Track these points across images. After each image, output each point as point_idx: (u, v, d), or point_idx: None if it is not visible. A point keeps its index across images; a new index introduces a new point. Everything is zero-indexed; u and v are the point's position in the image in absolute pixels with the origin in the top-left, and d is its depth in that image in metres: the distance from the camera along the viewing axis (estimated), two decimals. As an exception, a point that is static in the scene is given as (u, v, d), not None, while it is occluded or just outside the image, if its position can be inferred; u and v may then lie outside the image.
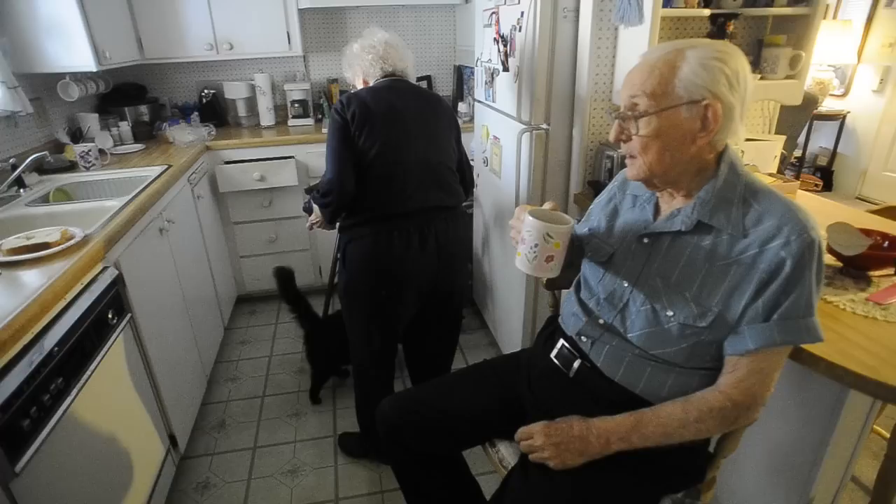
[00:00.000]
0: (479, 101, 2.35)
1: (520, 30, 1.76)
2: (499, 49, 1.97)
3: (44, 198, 1.87)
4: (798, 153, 4.09)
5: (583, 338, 1.03)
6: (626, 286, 0.97)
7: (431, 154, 1.59)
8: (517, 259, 0.99)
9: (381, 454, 1.76)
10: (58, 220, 1.54)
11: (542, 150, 1.84)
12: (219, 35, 2.68)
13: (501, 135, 2.07)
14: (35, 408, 1.00)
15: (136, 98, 2.84)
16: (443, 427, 1.17)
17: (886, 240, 1.22)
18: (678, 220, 0.92)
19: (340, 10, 3.03)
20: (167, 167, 2.11)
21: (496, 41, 1.99)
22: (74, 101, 2.39)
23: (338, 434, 1.95)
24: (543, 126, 1.80)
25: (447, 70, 3.29)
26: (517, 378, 1.16)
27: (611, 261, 1.01)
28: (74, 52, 2.12)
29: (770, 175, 1.74)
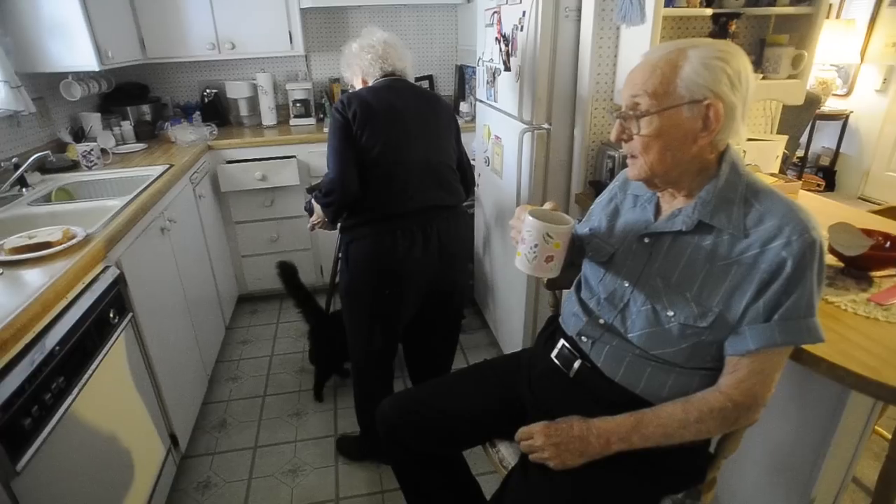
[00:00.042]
0: (481, 101, 2.35)
1: (521, 29, 1.76)
2: (500, 49, 1.97)
3: (46, 197, 1.88)
4: (801, 153, 4.08)
5: (583, 338, 1.02)
6: (627, 286, 0.97)
7: (432, 153, 1.59)
8: (517, 259, 0.99)
9: (382, 454, 1.76)
10: (60, 220, 1.55)
11: (544, 150, 1.84)
12: (221, 34, 2.68)
13: (503, 134, 2.07)
14: (36, 407, 1.01)
15: (139, 97, 2.85)
16: (443, 427, 1.17)
17: (888, 240, 1.22)
18: (679, 220, 0.92)
19: (342, 10, 3.03)
20: (169, 167, 2.11)
21: (498, 41, 1.99)
22: (77, 101, 2.40)
23: (337, 437, 1.94)
24: (545, 126, 1.80)
25: (449, 70, 3.29)
26: (517, 378, 1.16)
27: (611, 261, 1.01)
28: (77, 52, 2.12)
29: (772, 175, 1.73)
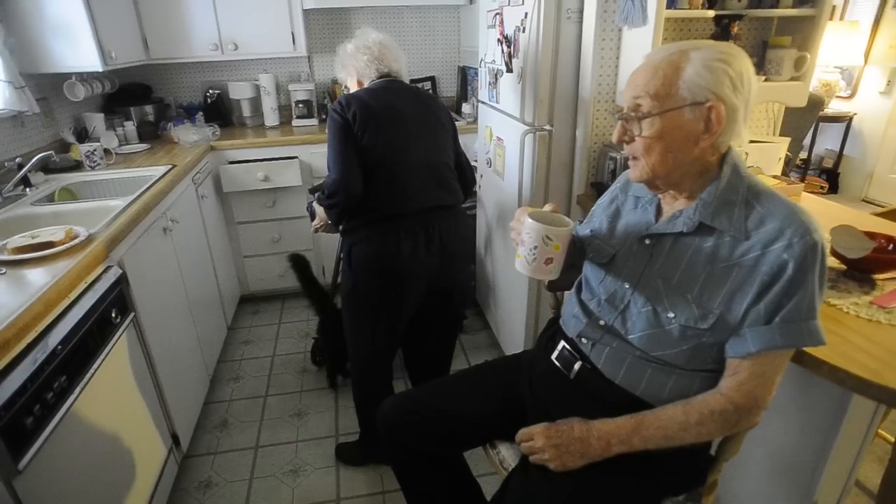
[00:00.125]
0: (483, 102, 2.35)
1: (523, 31, 1.76)
2: (502, 50, 1.97)
3: (49, 197, 1.89)
4: (804, 155, 4.07)
5: (583, 339, 1.02)
6: (628, 287, 0.97)
7: (431, 153, 1.59)
8: (517, 261, 0.99)
9: (382, 455, 1.76)
10: (63, 220, 1.55)
11: (546, 152, 1.84)
12: (224, 35, 2.69)
13: (505, 136, 2.07)
14: (38, 406, 1.01)
15: (142, 98, 2.86)
16: (443, 427, 1.17)
17: (891, 243, 1.21)
18: (680, 222, 0.92)
19: (345, 11, 3.03)
20: (171, 167, 2.12)
21: (500, 42, 1.99)
22: (80, 101, 2.41)
23: (336, 445, 1.92)
24: (547, 127, 1.79)
25: (451, 71, 3.29)
26: (518, 379, 1.16)
27: (612, 262, 1.01)
28: (80, 53, 2.13)
29: (774, 177, 1.73)
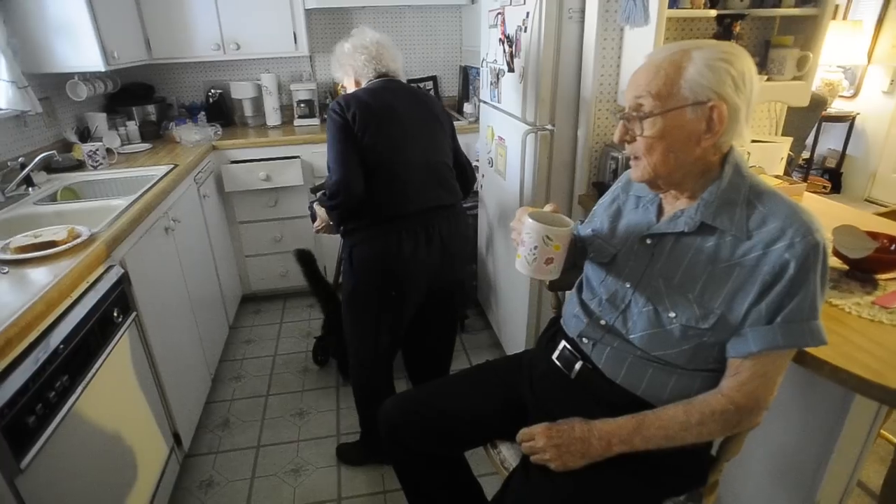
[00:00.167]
0: (485, 102, 2.35)
1: (525, 30, 1.76)
2: (504, 50, 1.97)
3: (52, 196, 1.89)
4: (806, 155, 4.06)
5: (584, 339, 1.02)
6: (629, 287, 0.97)
7: (430, 153, 1.59)
8: (517, 261, 0.99)
9: (383, 454, 1.76)
10: (65, 219, 1.56)
11: (547, 151, 1.83)
12: (226, 35, 2.69)
13: (506, 135, 2.07)
14: (40, 405, 1.01)
15: (144, 98, 2.86)
16: (444, 427, 1.17)
17: (893, 243, 1.21)
18: (681, 221, 0.91)
19: (347, 11, 3.04)
20: (173, 166, 2.12)
21: (502, 42, 1.99)
22: (83, 101, 2.41)
23: (336, 446, 1.92)
24: (548, 127, 1.79)
25: (453, 70, 3.29)
26: (519, 379, 1.16)
27: (613, 262, 1.01)
28: (83, 53, 2.14)
29: (776, 177, 1.73)
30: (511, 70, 1.94)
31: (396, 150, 1.52)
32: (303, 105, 2.97)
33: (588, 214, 1.19)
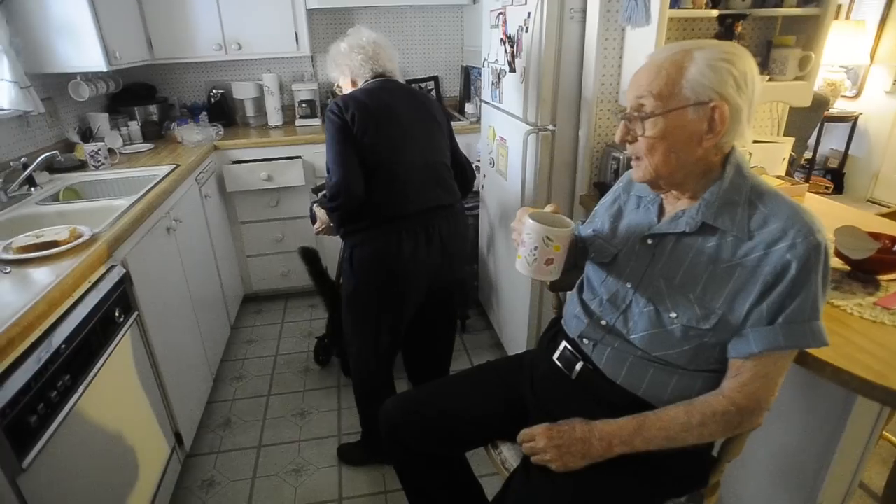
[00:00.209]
0: (486, 102, 2.35)
1: (527, 30, 1.76)
2: (506, 50, 1.97)
3: (54, 196, 1.90)
4: (808, 155, 4.05)
5: (585, 340, 1.02)
6: (630, 287, 0.97)
7: (429, 153, 1.59)
8: (517, 261, 0.99)
9: (384, 454, 1.76)
10: (67, 219, 1.56)
11: (548, 151, 1.83)
12: (228, 35, 2.69)
13: (508, 135, 2.07)
14: (42, 404, 1.01)
15: (146, 98, 2.87)
16: (445, 428, 1.17)
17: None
18: (682, 222, 0.91)
19: (348, 11, 3.04)
20: (175, 166, 2.13)
21: (503, 42, 1.99)
22: (85, 101, 2.42)
23: (338, 446, 1.92)
24: (550, 127, 1.79)
25: (454, 70, 3.29)
26: (520, 379, 1.16)
27: (614, 262, 1.01)
28: (85, 53, 2.14)
29: (778, 177, 1.72)
30: (512, 70, 1.94)
31: (396, 151, 1.52)
32: (304, 105, 2.97)
33: (589, 215, 1.19)
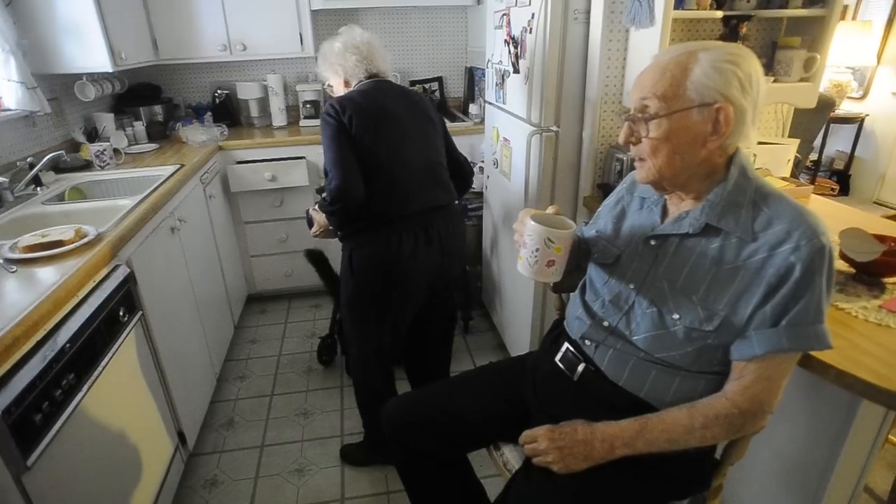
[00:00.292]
0: (490, 103, 2.35)
1: (530, 31, 1.75)
2: (509, 51, 1.97)
3: (59, 196, 1.91)
4: (814, 157, 4.03)
5: (587, 341, 1.02)
6: (632, 288, 0.96)
7: (425, 153, 1.59)
8: (519, 263, 0.98)
9: (386, 455, 1.76)
10: (72, 219, 1.57)
11: (552, 153, 1.83)
12: (232, 36, 2.71)
13: (511, 136, 2.07)
14: (47, 403, 1.02)
15: (151, 98, 2.88)
16: (447, 429, 1.17)
17: (902, 246, 1.19)
18: (686, 223, 0.91)
19: (352, 12, 3.04)
20: (180, 167, 2.14)
21: (507, 43, 1.98)
22: (91, 102, 2.44)
23: (340, 447, 1.92)
24: (553, 128, 1.79)
25: (458, 71, 3.29)
26: (522, 381, 1.16)
27: (617, 263, 1.01)
28: (91, 54, 2.15)
29: (783, 179, 1.71)
30: (516, 71, 1.93)
31: (394, 152, 1.52)
32: (308, 106, 2.98)
33: (593, 216, 1.19)
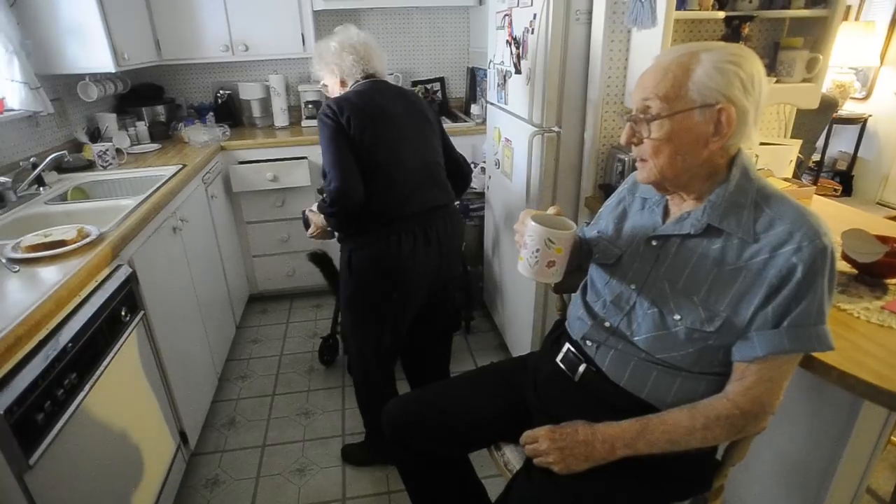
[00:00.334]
0: (492, 104, 2.35)
1: (532, 32, 1.75)
2: (511, 51, 1.97)
3: (62, 196, 1.91)
4: (817, 157, 4.02)
5: (588, 342, 1.02)
6: (633, 289, 0.96)
7: (422, 154, 1.59)
8: (519, 263, 0.98)
9: (388, 455, 1.76)
10: (75, 218, 1.57)
11: (554, 153, 1.83)
12: (234, 36, 2.71)
13: (513, 137, 2.07)
14: (49, 402, 1.02)
15: (153, 98, 2.89)
16: (448, 429, 1.17)
17: (904, 247, 1.19)
18: (687, 224, 0.91)
19: (355, 12, 3.05)
20: (182, 167, 2.14)
21: (509, 43, 1.99)
22: (93, 102, 2.44)
23: (341, 447, 1.92)
24: (555, 129, 1.79)
25: (460, 72, 3.29)
26: (523, 381, 1.16)
27: (618, 263, 1.01)
28: (94, 54, 2.16)
29: (785, 180, 1.71)
30: (518, 72, 1.94)
31: (392, 153, 1.51)
32: (310, 106, 2.98)
33: (594, 216, 1.19)
